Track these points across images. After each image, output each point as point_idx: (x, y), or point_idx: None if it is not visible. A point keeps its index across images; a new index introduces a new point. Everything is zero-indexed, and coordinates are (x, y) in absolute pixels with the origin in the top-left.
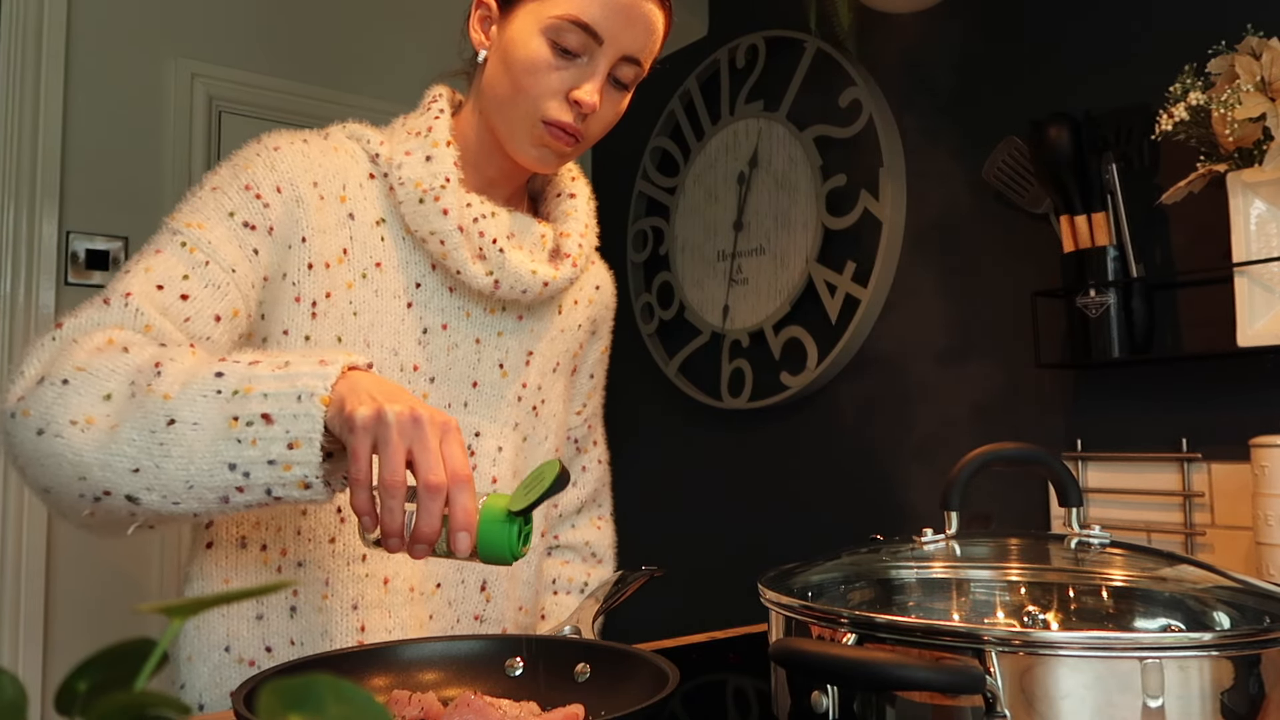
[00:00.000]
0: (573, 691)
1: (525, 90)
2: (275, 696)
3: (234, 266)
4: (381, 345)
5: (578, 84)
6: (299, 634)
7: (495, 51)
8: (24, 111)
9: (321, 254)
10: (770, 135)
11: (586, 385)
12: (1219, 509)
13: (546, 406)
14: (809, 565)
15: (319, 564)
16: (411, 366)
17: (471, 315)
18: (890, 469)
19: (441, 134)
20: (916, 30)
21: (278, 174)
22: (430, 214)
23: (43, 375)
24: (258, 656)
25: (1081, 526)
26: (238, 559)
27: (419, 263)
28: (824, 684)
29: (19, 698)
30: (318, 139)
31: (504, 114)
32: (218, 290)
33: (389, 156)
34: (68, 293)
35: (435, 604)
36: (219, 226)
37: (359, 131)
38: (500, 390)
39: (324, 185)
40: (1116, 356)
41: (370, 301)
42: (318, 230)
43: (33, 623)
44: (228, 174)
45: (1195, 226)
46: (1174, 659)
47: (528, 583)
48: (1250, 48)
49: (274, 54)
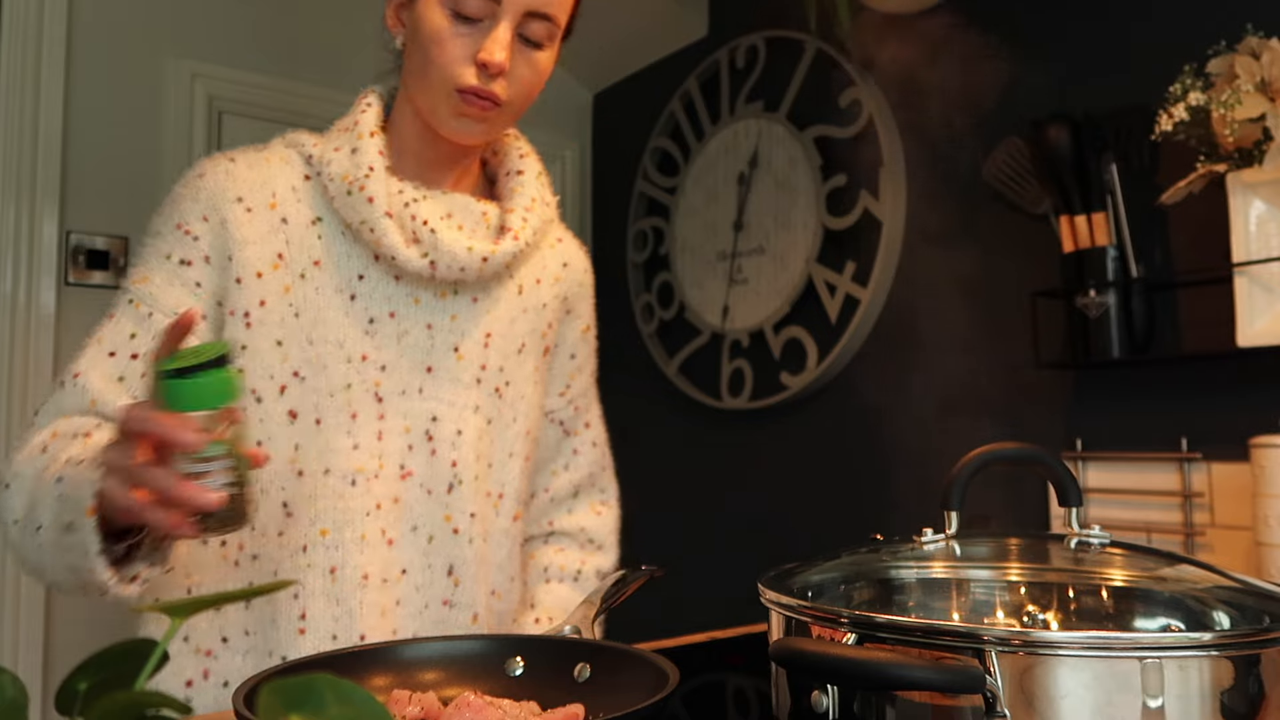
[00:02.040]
0: (573, 691)
1: (434, 62)
2: (276, 696)
3: (176, 309)
4: (325, 340)
5: (483, 45)
6: (252, 624)
7: (408, 33)
8: (24, 111)
9: (251, 265)
10: (770, 135)
11: (568, 366)
12: (1219, 509)
13: (512, 389)
14: (809, 565)
15: (268, 556)
16: (360, 357)
17: (421, 301)
18: (890, 469)
19: (367, 126)
20: (916, 30)
21: (201, 203)
22: (358, 203)
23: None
24: (214, 646)
25: (1081, 526)
26: (199, 554)
27: (360, 255)
28: (824, 684)
29: (19, 697)
30: (248, 154)
31: (423, 91)
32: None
33: (320, 156)
34: (68, 293)
35: (402, 590)
36: (159, 273)
37: (296, 139)
38: (456, 374)
39: (250, 198)
40: (1116, 356)
41: (311, 299)
42: (246, 243)
43: (33, 623)
44: (165, 215)
45: (1195, 226)
46: (1174, 659)
47: (500, 567)
48: (1250, 48)
49: (274, 54)
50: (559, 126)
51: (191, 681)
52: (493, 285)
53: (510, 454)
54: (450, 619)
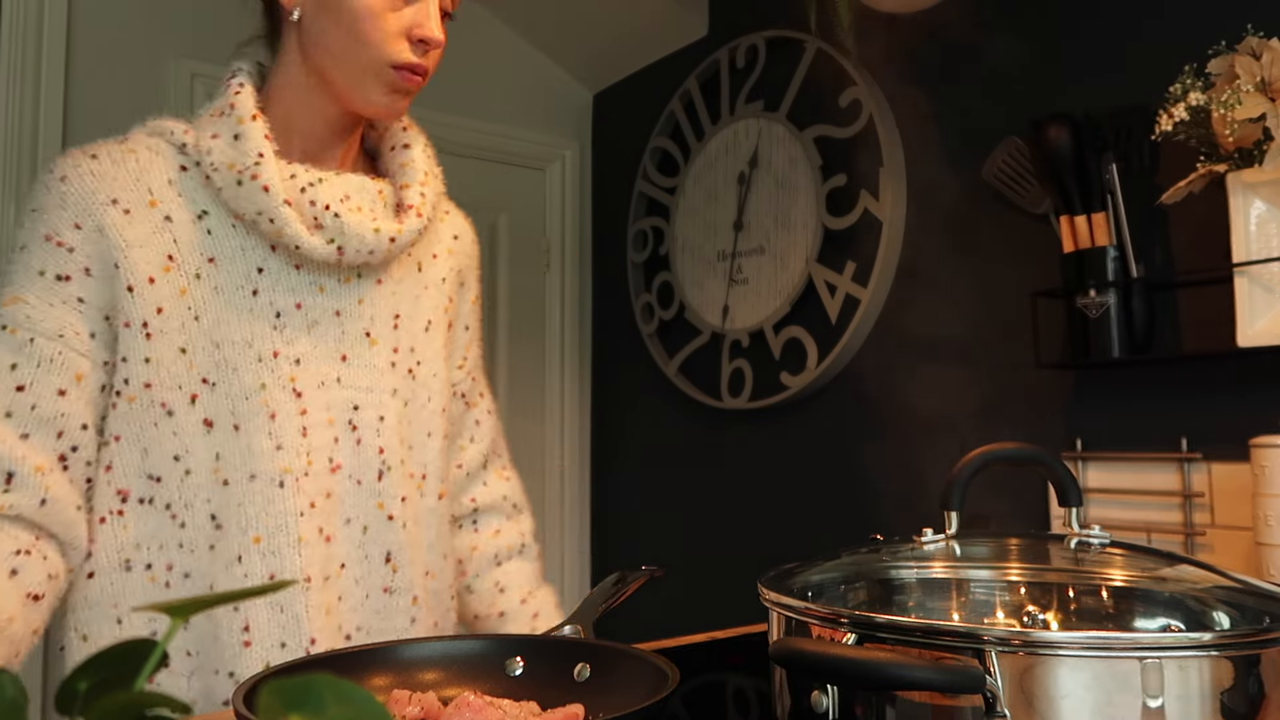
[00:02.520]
0: (573, 691)
1: (365, 38)
2: (275, 696)
3: (60, 332)
4: (232, 341)
5: (417, 21)
6: (193, 644)
7: (314, 5)
8: (24, 111)
9: (141, 271)
10: (770, 135)
11: (464, 338)
12: (1219, 509)
13: (424, 367)
14: (809, 565)
15: (201, 572)
16: (271, 354)
17: (326, 289)
18: (890, 469)
19: (246, 109)
20: (916, 30)
21: (70, 209)
22: (252, 194)
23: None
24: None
25: (1081, 526)
26: (124, 583)
27: (256, 247)
28: (824, 684)
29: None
30: (110, 147)
31: (345, 67)
32: (51, 365)
33: (196, 144)
34: None
35: (343, 585)
36: (33, 291)
37: (160, 126)
38: (370, 359)
39: (125, 197)
40: (1116, 356)
41: (211, 300)
42: (130, 247)
43: None
44: (29, 226)
45: (1195, 226)
46: (1174, 659)
47: (431, 547)
48: (1250, 48)
49: None
50: (559, 126)
51: None
52: (393, 265)
53: (429, 434)
54: (391, 605)
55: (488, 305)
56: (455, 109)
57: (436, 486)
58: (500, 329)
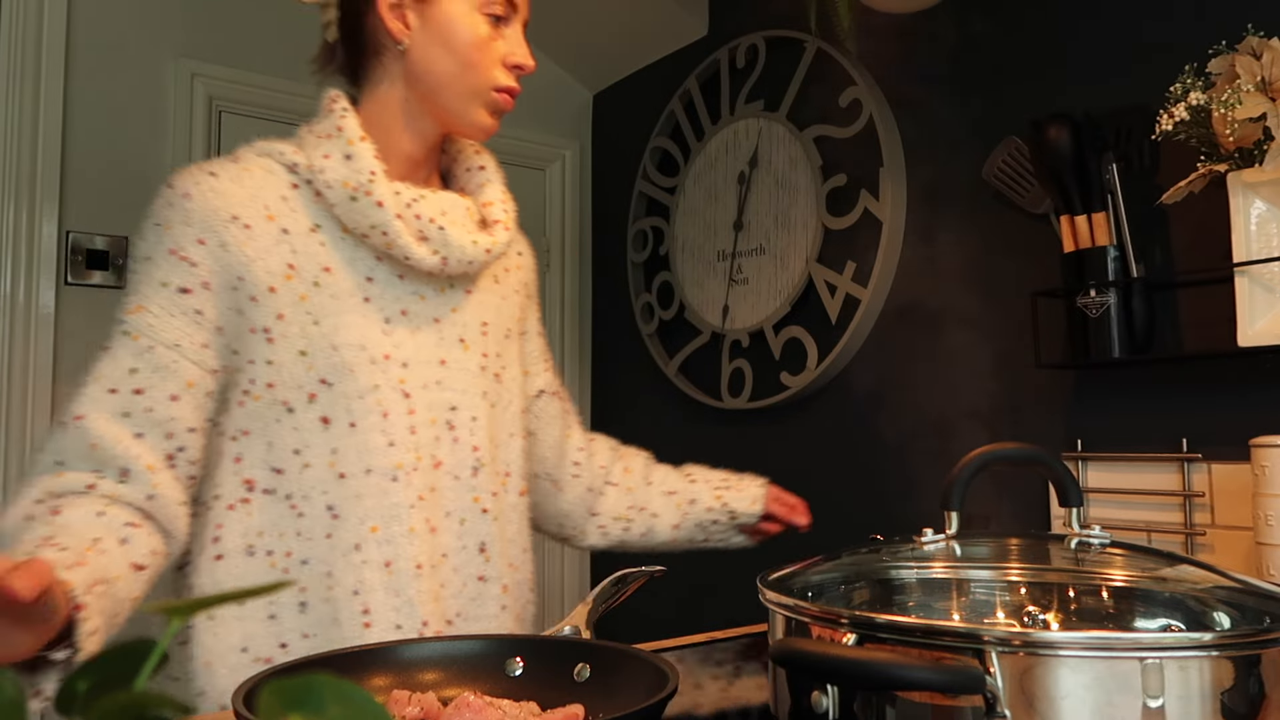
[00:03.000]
0: (573, 691)
1: (475, 65)
2: (275, 696)
3: (177, 342)
4: (349, 344)
5: (511, 50)
6: (311, 627)
7: (424, 36)
8: (24, 111)
9: (263, 281)
10: (770, 135)
11: (538, 344)
12: (1219, 509)
13: (507, 372)
14: (809, 565)
15: (320, 559)
16: (382, 356)
17: (425, 298)
18: (890, 469)
19: (354, 131)
20: (916, 30)
21: (194, 226)
22: (367, 209)
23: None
24: (274, 654)
25: (1082, 526)
26: (248, 566)
27: (365, 258)
28: (824, 684)
29: (19, 697)
30: (227, 166)
31: (453, 91)
32: (166, 371)
33: (308, 164)
34: (68, 293)
35: (445, 573)
36: (155, 301)
37: (269, 147)
38: (465, 363)
39: (245, 213)
40: (1116, 356)
41: (328, 306)
42: (252, 260)
43: None
44: (153, 239)
45: (1195, 226)
46: (1174, 659)
47: (513, 540)
48: (1250, 48)
49: (274, 54)
50: (559, 126)
51: None
52: (478, 277)
53: (511, 434)
54: (484, 593)
55: None
56: None
57: (519, 484)
58: None
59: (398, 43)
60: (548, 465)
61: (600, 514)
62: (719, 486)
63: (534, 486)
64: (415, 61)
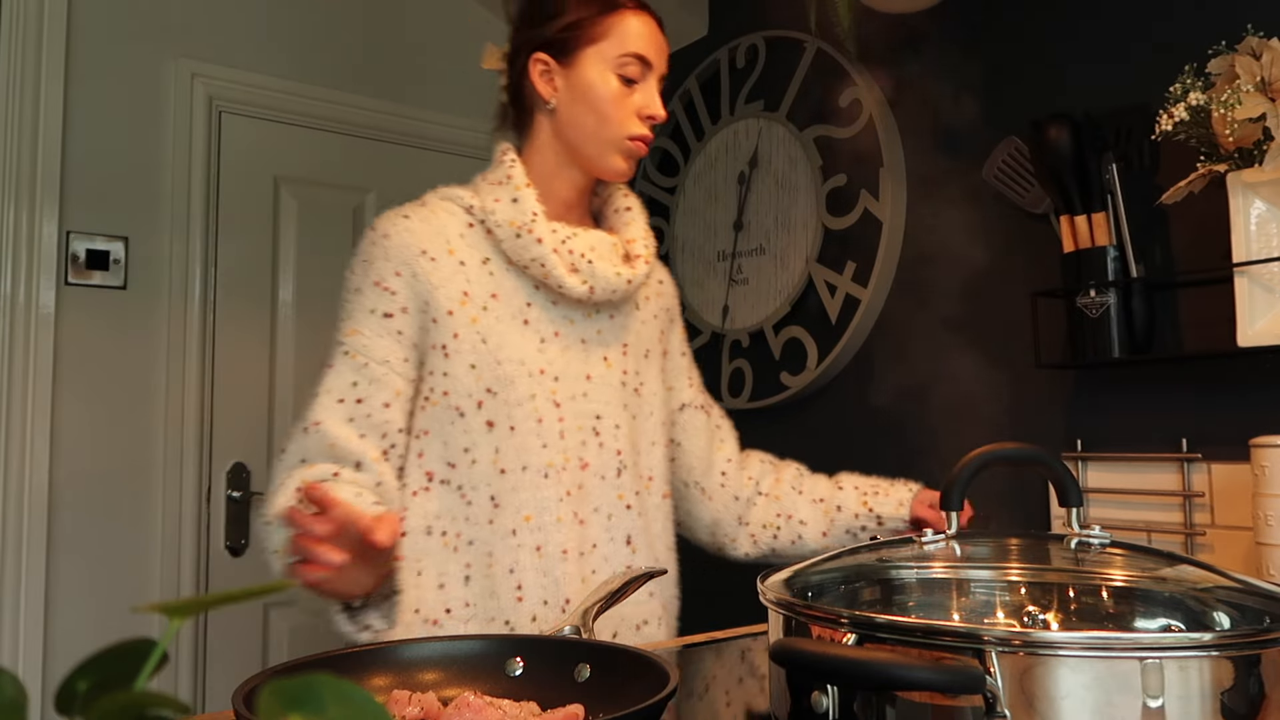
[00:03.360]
0: (573, 691)
1: (610, 118)
2: (275, 696)
3: (386, 358)
4: (510, 359)
5: (646, 103)
6: (473, 597)
7: (569, 96)
8: (24, 111)
9: (444, 305)
10: (770, 135)
11: (682, 363)
12: (1219, 509)
13: (646, 387)
14: (809, 565)
15: (483, 541)
16: (538, 370)
17: (574, 321)
18: (890, 469)
19: (520, 179)
20: (916, 30)
21: (392, 260)
22: (529, 244)
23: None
24: (440, 617)
25: (1081, 526)
26: (426, 544)
27: (525, 286)
28: (824, 684)
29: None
30: (416, 209)
31: (594, 142)
32: (379, 383)
33: (481, 206)
34: (68, 293)
35: (595, 561)
36: (367, 325)
37: (449, 193)
38: (608, 379)
39: (431, 248)
40: (1116, 356)
41: (494, 327)
42: (435, 287)
43: (33, 623)
44: (360, 274)
45: (1195, 226)
46: (1174, 659)
47: (658, 537)
48: (1250, 48)
49: (274, 54)
50: None
51: None
52: (622, 303)
53: (652, 442)
54: None
55: None
56: (455, 109)
57: (662, 487)
58: None
59: (547, 103)
60: (695, 474)
61: (751, 523)
62: (866, 492)
63: (684, 494)
64: (562, 118)
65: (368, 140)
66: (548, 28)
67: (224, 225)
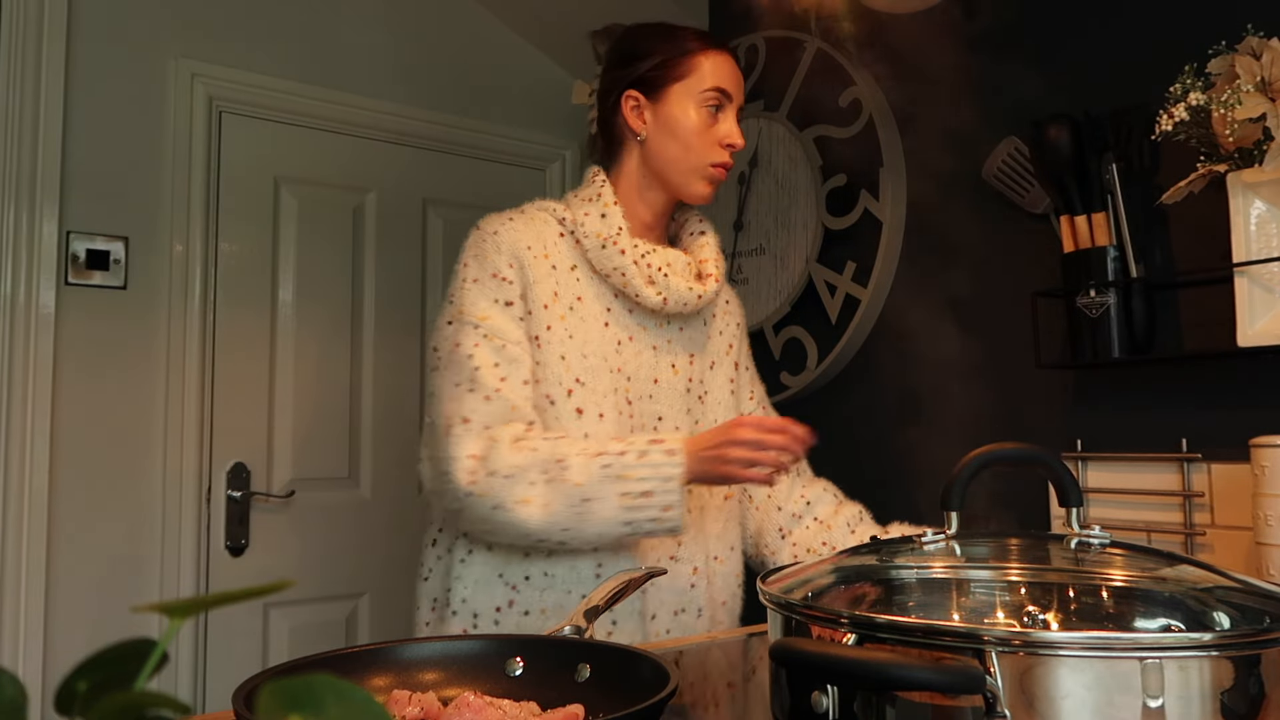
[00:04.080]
0: (573, 691)
1: (695, 147)
2: (275, 696)
3: (518, 340)
4: (593, 354)
5: (727, 132)
6: (552, 568)
7: (657, 128)
8: (24, 111)
9: (539, 300)
10: (770, 135)
11: (746, 376)
12: (1219, 509)
13: (710, 395)
14: (809, 565)
15: None
16: (616, 369)
17: (648, 329)
18: (890, 469)
19: (609, 197)
20: (916, 30)
21: (504, 254)
22: (612, 255)
23: (489, 469)
24: (519, 583)
25: (1081, 526)
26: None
27: (605, 294)
28: (824, 684)
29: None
30: (518, 214)
31: (680, 169)
32: (518, 362)
33: (572, 219)
34: (68, 293)
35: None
36: (495, 313)
37: (544, 204)
38: (674, 384)
39: (534, 249)
40: (1116, 356)
41: (579, 326)
42: (534, 283)
43: (33, 623)
44: (476, 267)
45: (1195, 226)
46: (1174, 659)
47: (719, 537)
48: (1250, 48)
49: (275, 54)
50: (559, 127)
51: (500, 608)
52: (691, 317)
53: None
54: (675, 570)
55: None
56: (455, 109)
57: (722, 489)
58: None
59: (638, 135)
60: None
61: (796, 542)
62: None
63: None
64: (651, 148)
65: (368, 140)
66: (638, 68)
67: (224, 225)
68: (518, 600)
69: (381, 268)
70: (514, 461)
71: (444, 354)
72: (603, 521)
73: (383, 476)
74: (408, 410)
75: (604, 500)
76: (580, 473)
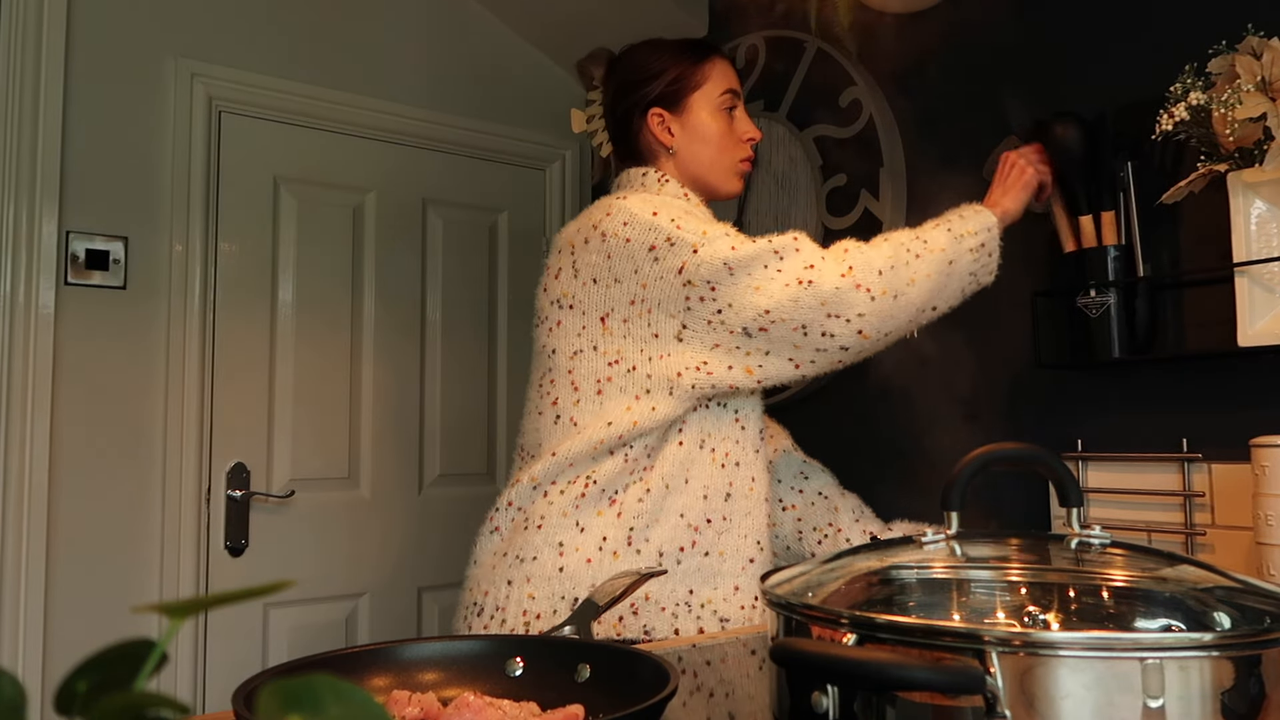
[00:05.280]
0: (573, 691)
1: (726, 149)
2: (275, 696)
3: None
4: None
5: (745, 128)
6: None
7: (685, 138)
8: (24, 111)
9: None
10: (770, 135)
11: None
12: (1219, 509)
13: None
14: (809, 565)
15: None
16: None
17: None
18: (890, 469)
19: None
20: (916, 30)
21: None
22: None
23: (877, 269)
24: (621, 549)
25: (1082, 526)
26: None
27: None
28: (824, 684)
29: (19, 698)
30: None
31: (714, 170)
32: None
33: None
34: (68, 293)
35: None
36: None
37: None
38: None
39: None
40: (1116, 356)
41: None
42: None
43: (33, 623)
44: (666, 221)
45: (1195, 226)
46: (1174, 659)
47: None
48: (1250, 48)
49: (274, 54)
50: (559, 126)
51: (683, 548)
52: None
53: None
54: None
55: (487, 305)
56: (455, 109)
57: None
58: (500, 329)
59: (669, 148)
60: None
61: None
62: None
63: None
64: (683, 156)
65: (368, 140)
66: (655, 86)
67: (224, 225)
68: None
69: (381, 268)
70: (887, 255)
71: (729, 266)
72: (959, 277)
73: (383, 476)
74: (408, 410)
75: (956, 261)
76: (935, 245)
